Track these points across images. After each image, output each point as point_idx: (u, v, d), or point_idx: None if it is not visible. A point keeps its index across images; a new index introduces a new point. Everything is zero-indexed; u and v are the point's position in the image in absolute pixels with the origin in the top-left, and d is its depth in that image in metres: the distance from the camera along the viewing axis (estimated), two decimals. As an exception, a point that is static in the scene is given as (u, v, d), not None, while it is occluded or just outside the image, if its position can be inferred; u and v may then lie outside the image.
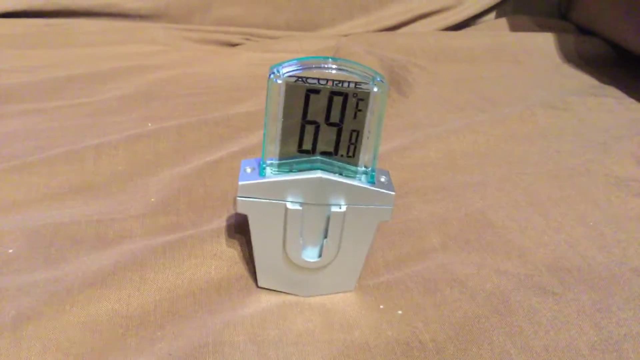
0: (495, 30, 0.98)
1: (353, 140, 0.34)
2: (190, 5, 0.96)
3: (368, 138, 0.34)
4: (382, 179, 0.35)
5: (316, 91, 0.32)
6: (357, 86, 0.32)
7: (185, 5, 0.96)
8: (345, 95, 0.33)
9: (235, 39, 0.94)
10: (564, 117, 0.66)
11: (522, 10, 1.04)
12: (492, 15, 1.04)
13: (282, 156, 0.34)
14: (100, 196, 0.47)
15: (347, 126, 0.33)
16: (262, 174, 0.34)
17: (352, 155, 0.34)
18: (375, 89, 0.32)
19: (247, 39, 0.94)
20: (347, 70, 0.32)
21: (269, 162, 0.34)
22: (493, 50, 0.88)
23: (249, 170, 0.35)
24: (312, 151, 0.34)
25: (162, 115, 0.63)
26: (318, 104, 0.33)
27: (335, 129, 0.34)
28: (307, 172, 0.34)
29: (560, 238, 0.44)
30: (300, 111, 0.33)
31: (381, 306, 0.37)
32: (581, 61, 0.87)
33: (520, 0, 1.04)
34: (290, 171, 0.34)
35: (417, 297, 0.38)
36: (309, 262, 0.37)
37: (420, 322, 0.36)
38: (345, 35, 0.94)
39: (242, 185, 0.34)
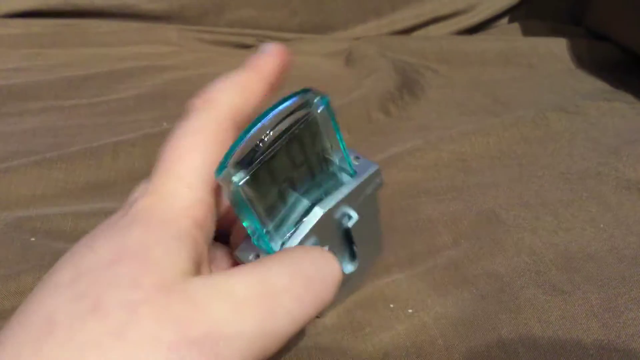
0: (508, 35, 0.98)
1: (321, 159, 0.33)
2: (204, 7, 0.97)
3: (332, 147, 0.33)
4: (357, 163, 0.34)
5: (273, 157, 0.29)
6: (301, 122, 0.30)
7: (199, 7, 0.97)
8: (298, 137, 0.30)
9: (248, 40, 0.94)
10: (576, 121, 0.66)
11: (535, 15, 1.04)
12: (505, 20, 1.04)
13: (276, 224, 0.31)
14: (118, 192, 0.48)
15: (311, 155, 0.32)
16: (270, 251, 0.31)
17: (326, 169, 0.33)
18: (319, 110, 0.30)
19: (261, 41, 0.95)
20: (283, 119, 0.29)
21: (269, 238, 0.31)
22: (506, 54, 0.88)
23: (252, 258, 0.32)
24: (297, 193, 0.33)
25: (177, 115, 0.62)
26: (281, 163, 0.30)
27: (305, 165, 0.32)
28: (305, 216, 0.32)
29: (571, 238, 0.44)
30: (272, 185, 0.31)
31: (391, 305, 0.38)
32: (594, 66, 0.87)
33: (534, 5, 1.04)
34: (292, 225, 0.32)
35: (427, 294, 0.39)
36: (349, 273, 0.37)
37: (430, 319, 0.37)
38: (358, 38, 0.95)
39: None
